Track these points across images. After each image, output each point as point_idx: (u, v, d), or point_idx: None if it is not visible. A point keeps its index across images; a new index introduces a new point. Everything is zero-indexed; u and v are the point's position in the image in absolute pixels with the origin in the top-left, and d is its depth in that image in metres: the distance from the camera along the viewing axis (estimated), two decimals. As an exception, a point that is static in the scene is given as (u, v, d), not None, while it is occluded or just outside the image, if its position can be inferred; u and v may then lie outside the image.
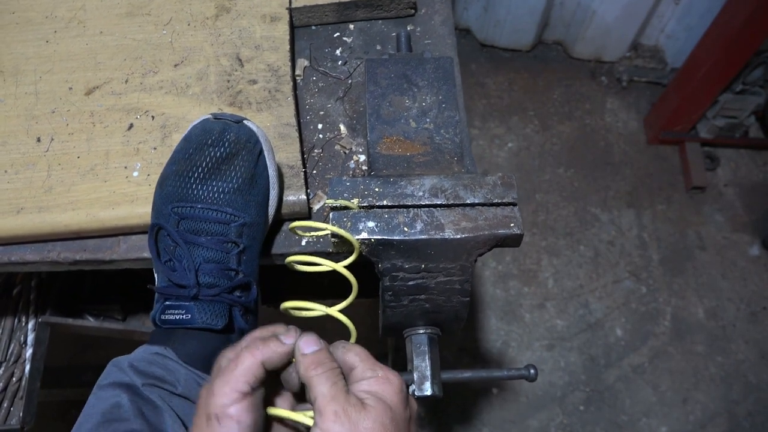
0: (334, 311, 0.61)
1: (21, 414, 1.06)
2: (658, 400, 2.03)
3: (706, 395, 2.04)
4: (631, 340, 2.12)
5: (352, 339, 0.63)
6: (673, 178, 2.43)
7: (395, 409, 0.54)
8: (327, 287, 1.18)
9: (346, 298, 0.67)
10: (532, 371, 0.74)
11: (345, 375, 0.56)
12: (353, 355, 0.57)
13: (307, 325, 0.68)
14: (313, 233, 0.76)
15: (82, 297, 1.23)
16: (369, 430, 0.51)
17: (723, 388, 2.06)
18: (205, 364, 0.63)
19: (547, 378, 2.05)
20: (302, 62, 0.94)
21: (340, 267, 0.63)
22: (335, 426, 0.50)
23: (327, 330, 0.69)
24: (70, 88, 0.86)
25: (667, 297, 2.20)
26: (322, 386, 0.53)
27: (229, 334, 0.68)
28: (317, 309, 0.61)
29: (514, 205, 0.70)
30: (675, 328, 2.15)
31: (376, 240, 0.67)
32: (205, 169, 0.67)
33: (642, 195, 2.38)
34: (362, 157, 0.85)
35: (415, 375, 0.72)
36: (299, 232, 0.74)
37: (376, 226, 0.68)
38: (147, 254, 0.78)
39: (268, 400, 0.56)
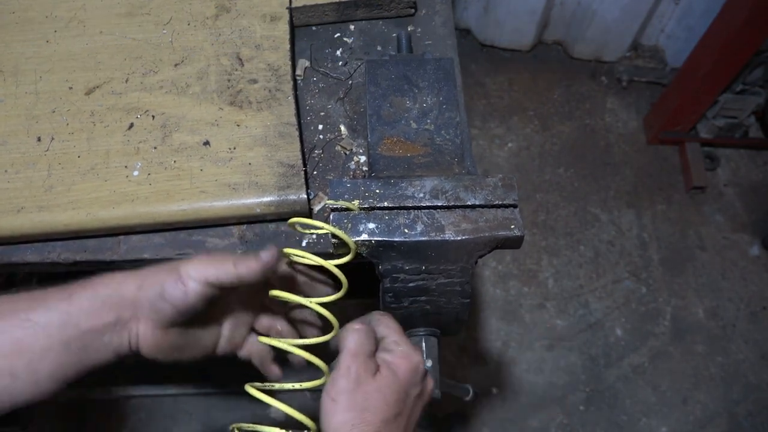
0: (316, 305, 0.64)
1: (22, 414, 1.06)
2: (658, 400, 2.03)
3: (706, 395, 2.04)
4: (631, 340, 2.12)
5: (334, 332, 0.66)
6: (673, 178, 2.43)
7: (404, 383, 0.62)
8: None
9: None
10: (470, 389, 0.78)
11: (378, 341, 0.65)
12: (383, 327, 0.66)
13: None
14: (311, 230, 0.76)
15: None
16: (369, 394, 0.60)
17: (723, 388, 2.06)
18: None
19: (547, 378, 2.05)
20: (303, 63, 0.94)
21: (329, 264, 0.64)
22: (342, 380, 0.60)
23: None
24: (71, 88, 0.86)
25: (667, 297, 2.20)
26: (350, 342, 0.62)
27: None
28: (299, 299, 0.65)
29: (514, 206, 0.70)
30: (675, 328, 2.15)
31: (377, 241, 0.67)
32: None
33: (642, 195, 2.38)
34: (363, 158, 0.84)
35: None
36: (299, 228, 0.74)
37: (377, 227, 0.68)
38: (147, 255, 0.78)
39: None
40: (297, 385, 0.65)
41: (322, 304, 0.65)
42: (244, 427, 0.63)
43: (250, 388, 0.64)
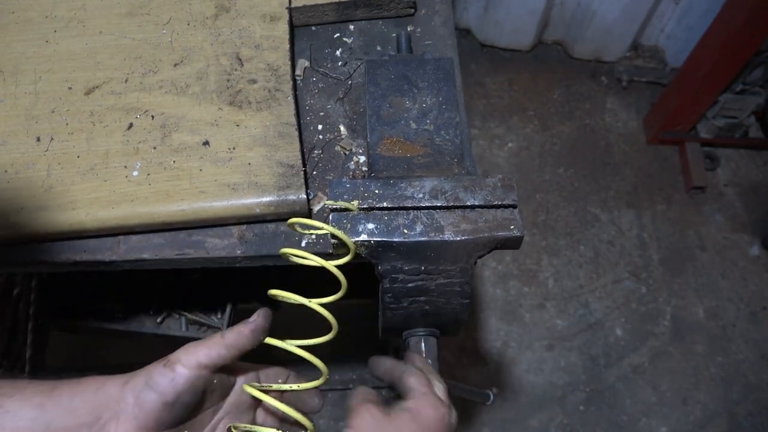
0: (316, 305, 0.64)
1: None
2: (658, 400, 2.03)
3: (706, 395, 2.04)
4: (631, 340, 2.12)
5: (333, 333, 0.66)
6: (673, 178, 2.43)
7: (426, 428, 0.61)
8: (325, 290, 1.18)
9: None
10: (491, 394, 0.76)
11: (403, 393, 0.66)
12: (414, 379, 0.65)
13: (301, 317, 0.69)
14: (311, 231, 0.76)
15: (82, 297, 1.23)
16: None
17: (723, 388, 2.06)
18: None
19: (547, 378, 2.05)
20: (302, 63, 0.93)
21: (329, 264, 0.64)
22: (358, 420, 0.60)
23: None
24: (70, 88, 0.86)
25: (667, 297, 2.20)
26: (358, 395, 0.64)
27: None
28: (298, 299, 0.64)
29: (514, 207, 0.70)
30: (675, 328, 2.15)
31: (376, 242, 0.67)
32: None
33: (642, 195, 2.38)
34: (362, 158, 0.84)
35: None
36: (298, 229, 0.74)
37: (376, 227, 0.68)
38: (146, 255, 0.78)
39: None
40: (295, 386, 0.65)
41: (322, 305, 0.65)
42: (241, 427, 0.63)
43: (248, 388, 0.63)
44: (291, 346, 0.63)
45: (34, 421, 0.52)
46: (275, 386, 0.66)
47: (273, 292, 0.66)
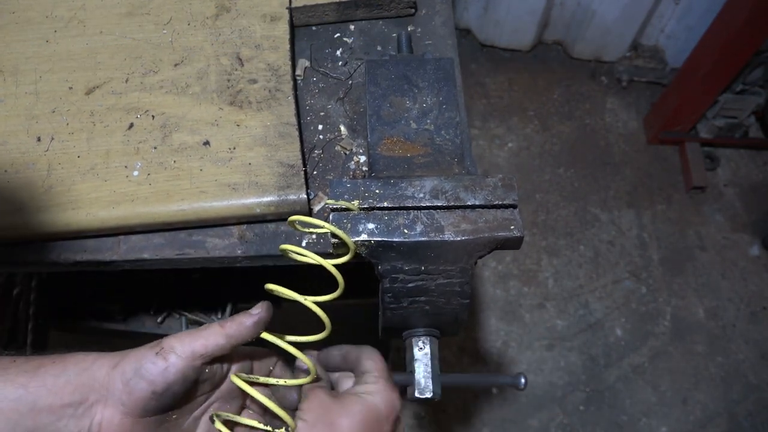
0: (310, 302, 0.64)
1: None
2: (658, 400, 2.03)
3: (706, 395, 2.04)
4: (631, 340, 2.12)
5: (326, 332, 0.66)
6: (673, 178, 2.43)
7: (374, 414, 0.62)
8: (325, 291, 1.18)
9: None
10: (522, 380, 0.76)
11: (357, 375, 0.68)
12: (370, 362, 0.67)
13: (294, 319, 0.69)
14: (311, 230, 0.76)
15: (82, 297, 1.23)
16: (337, 414, 0.61)
17: (723, 388, 2.06)
18: None
19: (547, 378, 2.05)
20: (303, 63, 0.94)
21: (327, 263, 0.64)
22: (306, 403, 0.62)
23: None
24: (70, 88, 0.86)
25: (667, 297, 2.20)
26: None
27: None
28: (293, 295, 0.64)
29: (514, 207, 0.70)
30: (675, 328, 2.15)
31: (376, 242, 0.67)
32: None
33: (642, 195, 2.39)
34: (363, 158, 0.84)
35: (414, 377, 0.72)
36: (298, 227, 0.74)
37: (376, 227, 0.68)
38: (147, 255, 0.78)
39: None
40: (282, 381, 0.65)
41: (318, 304, 0.65)
42: (223, 415, 0.63)
43: (235, 378, 0.63)
44: (284, 342, 0.63)
45: (18, 402, 0.51)
46: (262, 379, 0.65)
47: (269, 286, 0.66)
